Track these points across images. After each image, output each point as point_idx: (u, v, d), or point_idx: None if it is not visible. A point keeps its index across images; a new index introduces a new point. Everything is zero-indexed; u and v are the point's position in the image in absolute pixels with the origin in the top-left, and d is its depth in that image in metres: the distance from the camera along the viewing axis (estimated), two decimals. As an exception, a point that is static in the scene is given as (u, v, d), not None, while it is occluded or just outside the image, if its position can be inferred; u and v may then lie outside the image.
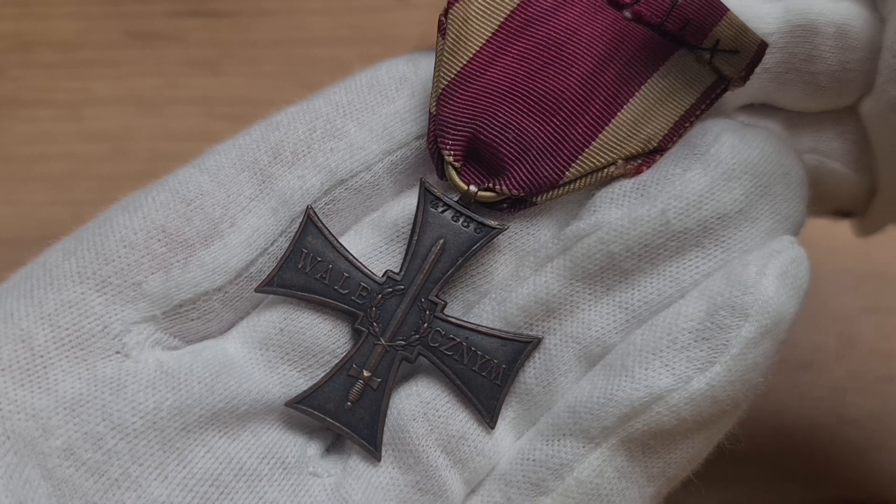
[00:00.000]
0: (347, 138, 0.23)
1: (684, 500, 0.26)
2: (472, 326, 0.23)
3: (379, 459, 0.22)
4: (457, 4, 0.23)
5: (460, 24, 0.23)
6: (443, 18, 0.23)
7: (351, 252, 0.23)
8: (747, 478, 0.37)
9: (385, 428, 0.23)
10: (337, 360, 0.23)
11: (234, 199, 0.23)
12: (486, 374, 0.22)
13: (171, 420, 0.21)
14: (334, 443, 0.24)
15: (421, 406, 0.23)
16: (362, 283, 0.23)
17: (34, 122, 0.46)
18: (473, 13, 0.23)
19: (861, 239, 0.32)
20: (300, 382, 0.23)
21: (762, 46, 0.23)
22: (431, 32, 0.24)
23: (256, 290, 0.23)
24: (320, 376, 0.23)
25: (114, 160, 0.45)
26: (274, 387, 0.23)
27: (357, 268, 0.23)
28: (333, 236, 0.23)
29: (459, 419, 0.23)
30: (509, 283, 0.23)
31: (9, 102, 0.47)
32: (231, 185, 0.23)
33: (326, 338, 0.23)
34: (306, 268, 0.23)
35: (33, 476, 0.21)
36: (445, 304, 0.23)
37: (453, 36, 0.23)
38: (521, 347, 0.23)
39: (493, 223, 0.23)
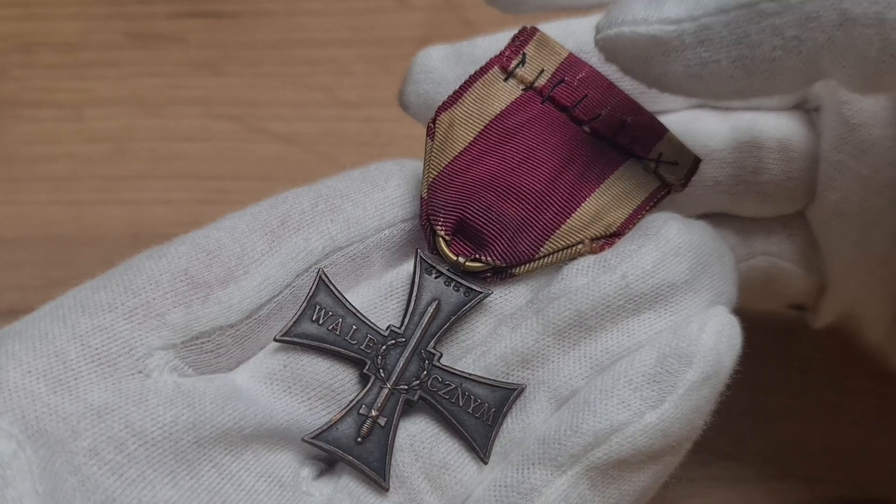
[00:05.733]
0: (345, 214, 0.27)
1: (685, 499, 0.26)
2: (465, 375, 0.26)
3: (387, 490, 0.25)
4: (443, 113, 0.27)
5: (446, 127, 0.27)
6: (431, 124, 0.27)
7: (357, 308, 0.26)
8: (746, 477, 0.37)
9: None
10: (333, 394, 0.26)
11: (247, 253, 0.26)
12: (479, 416, 0.25)
13: (185, 433, 0.24)
14: (325, 469, 0.26)
15: (408, 438, 0.25)
16: (369, 335, 0.26)
17: (36, 122, 0.46)
18: (458, 119, 0.27)
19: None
20: (301, 411, 0.25)
21: (696, 160, 0.28)
22: (431, 34, 0.24)
23: (276, 340, 0.25)
24: (319, 406, 0.25)
25: (115, 160, 0.45)
26: (278, 413, 0.25)
27: (364, 321, 0.26)
28: (342, 294, 0.26)
29: (442, 451, 0.25)
30: (489, 339, 0.26)
31: (10, 103, 0.47)
32: (245, 242, 0.26)
33: (324, 374, 0.26)
34: (319, 320, 0.26)
35: (62, 470, 0.23)
36: (441, 354, 0.26)
37: (441, 137, 0.27)
38: (508, 393, 0.26)
39: (479, 289, 0.26)
